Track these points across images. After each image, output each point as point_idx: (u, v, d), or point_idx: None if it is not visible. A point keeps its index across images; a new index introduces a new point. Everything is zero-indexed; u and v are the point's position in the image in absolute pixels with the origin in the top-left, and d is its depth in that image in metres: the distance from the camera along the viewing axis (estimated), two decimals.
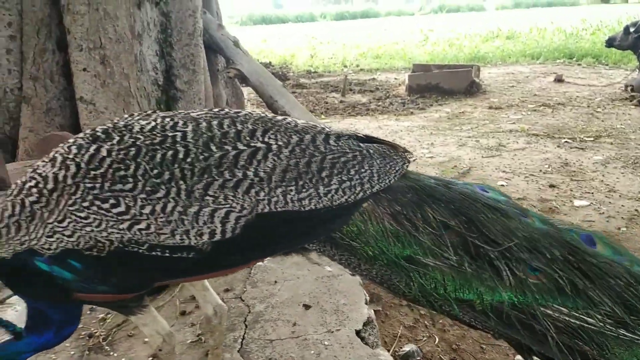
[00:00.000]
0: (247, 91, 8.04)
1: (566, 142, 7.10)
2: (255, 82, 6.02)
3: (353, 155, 1.34)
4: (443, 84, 11.20)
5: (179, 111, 1.48)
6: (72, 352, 1.96)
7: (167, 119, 1.35)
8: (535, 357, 1.32)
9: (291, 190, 1.26)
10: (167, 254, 1.23)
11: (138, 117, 1.39)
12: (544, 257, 1.30)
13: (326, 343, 2.01)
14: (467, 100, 10.57)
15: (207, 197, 1.22)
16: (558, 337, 1.24)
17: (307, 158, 1.29)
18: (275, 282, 2.44)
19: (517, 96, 10.62)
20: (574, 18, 23.09)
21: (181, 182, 1.23)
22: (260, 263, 2.66)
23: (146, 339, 2.09)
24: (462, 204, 1.38)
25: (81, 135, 1.34)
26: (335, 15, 54.41)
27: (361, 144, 1.38)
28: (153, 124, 1.33)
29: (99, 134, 1.32)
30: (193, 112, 1.43)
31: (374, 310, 2.36)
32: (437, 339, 3.02)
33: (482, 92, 11.09)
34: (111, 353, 1.99)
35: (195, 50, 5.45)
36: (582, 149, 6.74)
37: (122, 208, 1.22)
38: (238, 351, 1.93)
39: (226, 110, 1.43)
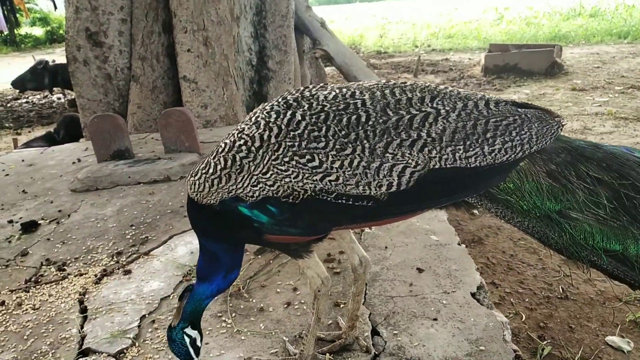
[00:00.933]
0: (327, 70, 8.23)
1: None
2: (340, 62, 6.18)
3: (513, 118, 1.46)
4: (522, 65, 10.80)
5: (350, 83, 1.67)
6: (216, 298, 2.26)
7: (344, 89, 1.56)
8: None
9: (459, 149, 1.41)
10: (350, 202, 1.44)
11: (317, 88, 1.60)
12: None
13: (444, 302, 2.19)
14: (547, 82, 10.17)
15: (387, 154, 1.41)
16: None
17: (473, 121, 1.45)
18: (386, 247, 2.63)
19: (602, 77, 10.08)
20: None
21: (365, 141, 1.42)
22: (368, 230, 2.86)
23: (279, 290, 2.36)
24: (613, 162, 1.48)
25: (274, 103, 1.57)
26: None
27: (519, 109, 1.50)
28: (334, 93, 1.54)
29: (290, 102, 1.54)
30: (364, 83, 1.63)
31: None
32: (523, 317, 3.10)
33: (564, 73, 10.61)
34: (250, 299, 2.28)
35: (287, 31, 5.69)
36: None
37: (316, 162, 1.43)
38: (363, 304, 2.14)
39: (393, 81, 1.61)
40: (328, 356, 1.83)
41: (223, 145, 1.51)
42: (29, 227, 3.08)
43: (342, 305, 2.18)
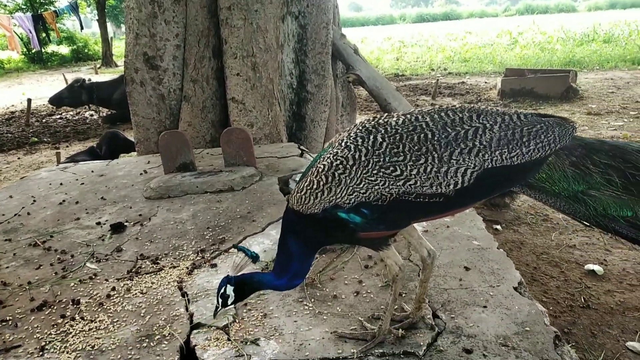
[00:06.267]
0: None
1: None
2: (372, 86, 6.65)
3: (540, 125, 1.94)
4: (538, 89, 11.21)
5: (410, 110, 2.11)
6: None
7: (409, 116, 1.99)
8: None
9: (505, 151, 1.88)
10: (426, 200, 1.89)
11: (385, 117, 2.04)
12: None
13: (491, 294, 2.57)
14: (563, 106, 10.56)
15: (452, 160, 1.86)
16: None
17: (511, 130, 1.91)
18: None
19: (617, 102, 10.46)
20: None
21: (434, 152, 1.87)
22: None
23: (346, 282, 2.76)
24: (617, 151, 1.97)
25: (356, 130, 2.01)
26: (415, 17, 54.27)
27: (543, 118, 1.98)
28: (402, 119, 1.98)
29: (370, 128, 1.98)
30: (420, 109, 2.07)
31: None
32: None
33: (579, 98, 11.00)
34: (323, 289, 2.68)
35: (325, 58, 6.19)
36: None
37: (398, 172, 1.87)
38: None
39: (445, 106, 2.06)
40: (401, 331, 2.23)
41: (321, 166, 1.95)
42: (118, 228, 3.53)
43: (403, 294, 2.58)
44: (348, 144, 1.96)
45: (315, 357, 2.13)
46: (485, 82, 14.17)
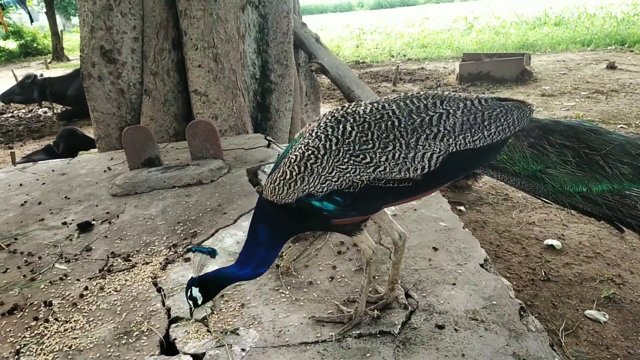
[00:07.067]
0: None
1: (621, 127, 7.48)
2: (334, 74, 6.70)
3: (500, 109, 2.03)
4: (494, 73, 11.54)
5: (376, 99, 2.17)
6: (270, 276, 2.73)
7: (375, 104, 2.05)
8: (620, 226, 2.02)
9: (467, 135, 1.96)
10: (396, 185, 1.95)
11: (353, 106, 2.09)
12: (629, 155, 2.00)
13: (459, 272, 2.68)
14: (519, 88, 10.92)
15: (418, 146, 1.93)
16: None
17: (473, 115, 2.00)
18: None
19: (569, 83, 10.89)
20: (624, 3, 22.70)
21: (401, 139, 1.94)
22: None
23: (320, 268, 2.82)
24: (571, 131, 2.09)
25: (325, 120, 2.05)
26: (373, 4, 54.49)
27: (502, 102, 2.07)
28: (370, 107, 2.03)
29: (339, 117, 2.02)
30: (387, 98, 2.13)
31: None
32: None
33: (533, 80, 11.40)
34: (298, 276, 2.73)
35: (287, 47, 6.18)
36: (638, 134, 7.12)
37: (368, 159, 1.93)
38: None
39: (410, 93, 2.12)
40: (376, 312, 2.31)
41: (293, 157, 1.99)
42: (85, 227, 3.47)
43: (376, 277, 2.67)
44: (319, 133, 2.01)
45: (295, 342, 2.19)
46: (444, 67, 14.44)
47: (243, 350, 2.16)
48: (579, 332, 3.25)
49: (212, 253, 2.10)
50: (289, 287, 2.63)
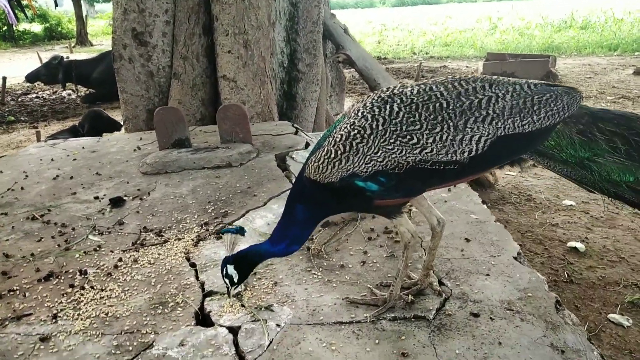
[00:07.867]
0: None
1: None
2: (361, 66, 6.68)
3: (550, 94, 1.99)
4: (518, 73, 11.38)
5: (423, 81, 2.16)
6: (301, 257, 2.74)
7: (422, 86, 2.04)
8: None
9: (517, 119, 1.94)
10: (442, 167, 1.94)
11: (398, 87, 2.08)
12: None
13: (492, 263, 2.67)
14: None
15: (467, 129, 1.92)
16: None
17: (522, 99, 1.97)
18: None
19: (594, 87, 10.74)
20: None
21: (449, 121, 1.92)
22: (414, 209, 3.34)
23: (352, 253, 2.83)
24: (621, 119, 2.04)
25: (372, 100, 2.04)
26: (395, 1, 54.19)
27: (551, 87, 2.03)
28: (417, 89, 2.02)
29: (386, 98, 2.02)
30: (435, 80, 2.12)
31: None
32: None
33: (558, 83, 11.24)
34: (330, 259, 2.74)
35: (317, 36, 6.17)
36: None
37: (414, 140, 1.92)
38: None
39: (458, 76, 2.11)
40: (411, 297, 2.31)
41: (339, 136, 1.98)
42: (117, 202, 3.51)
43: (408, 264, 2.66)
44: (365, 113, 2.00)
45: (329, 322, 2.20)
46: (467, 67, 14.33)
47: (278, 325, 2.18)
48: (601, 336, 3.22)
49: (240, 231, 2.14)
50: (320, 269, 2.64)
